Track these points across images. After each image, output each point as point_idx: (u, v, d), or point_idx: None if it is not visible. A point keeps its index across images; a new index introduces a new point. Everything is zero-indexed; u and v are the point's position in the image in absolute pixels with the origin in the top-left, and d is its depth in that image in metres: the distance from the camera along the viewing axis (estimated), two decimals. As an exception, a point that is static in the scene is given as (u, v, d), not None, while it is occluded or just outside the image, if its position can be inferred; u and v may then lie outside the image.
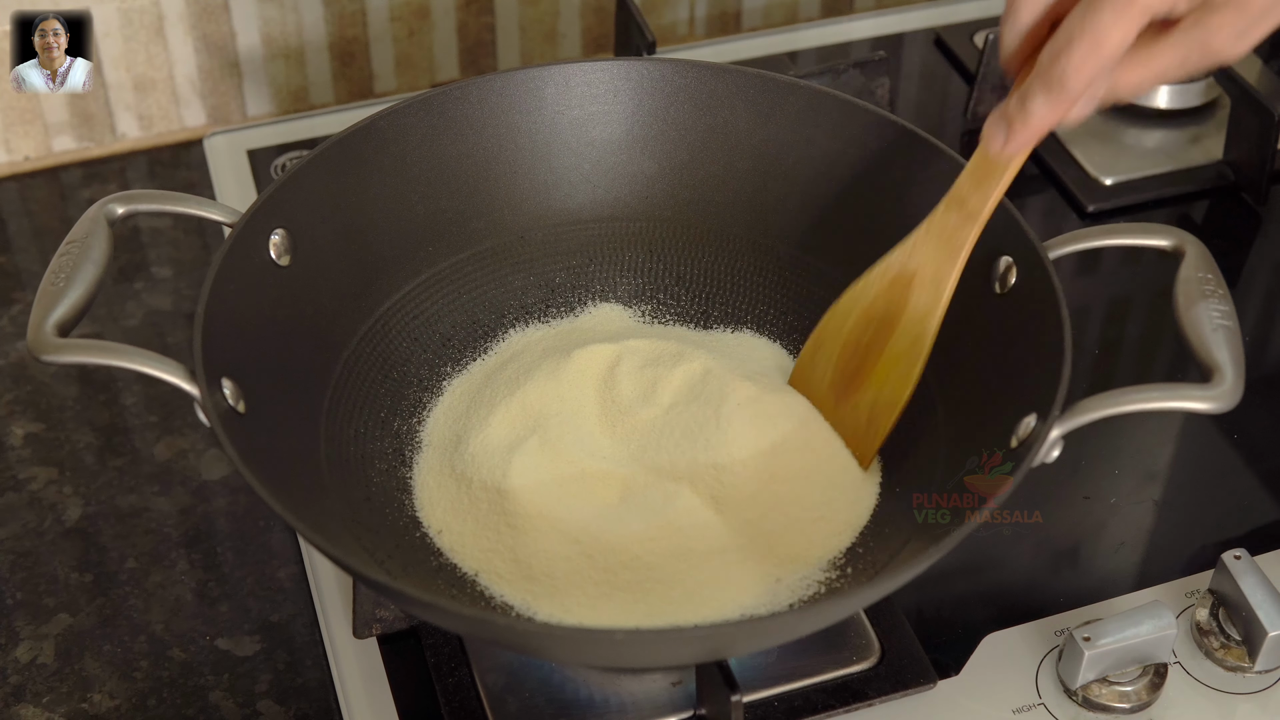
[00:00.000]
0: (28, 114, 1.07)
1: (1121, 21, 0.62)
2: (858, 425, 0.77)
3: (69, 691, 0.78)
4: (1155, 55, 0.65)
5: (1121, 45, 0.63)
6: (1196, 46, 0.64)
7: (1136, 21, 0.63)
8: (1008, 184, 0.72)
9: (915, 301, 0.75)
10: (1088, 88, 0.65)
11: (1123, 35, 0.63)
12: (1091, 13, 0.63)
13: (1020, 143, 0.69)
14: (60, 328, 0.68)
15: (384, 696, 0.75)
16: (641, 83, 0.85)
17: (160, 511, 0.86)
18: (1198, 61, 0.64)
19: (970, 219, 0.73)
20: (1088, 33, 0.63)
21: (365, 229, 0.81)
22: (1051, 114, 0.67)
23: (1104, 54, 0.63)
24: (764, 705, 0.73)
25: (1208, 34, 0.63)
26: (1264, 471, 0.86)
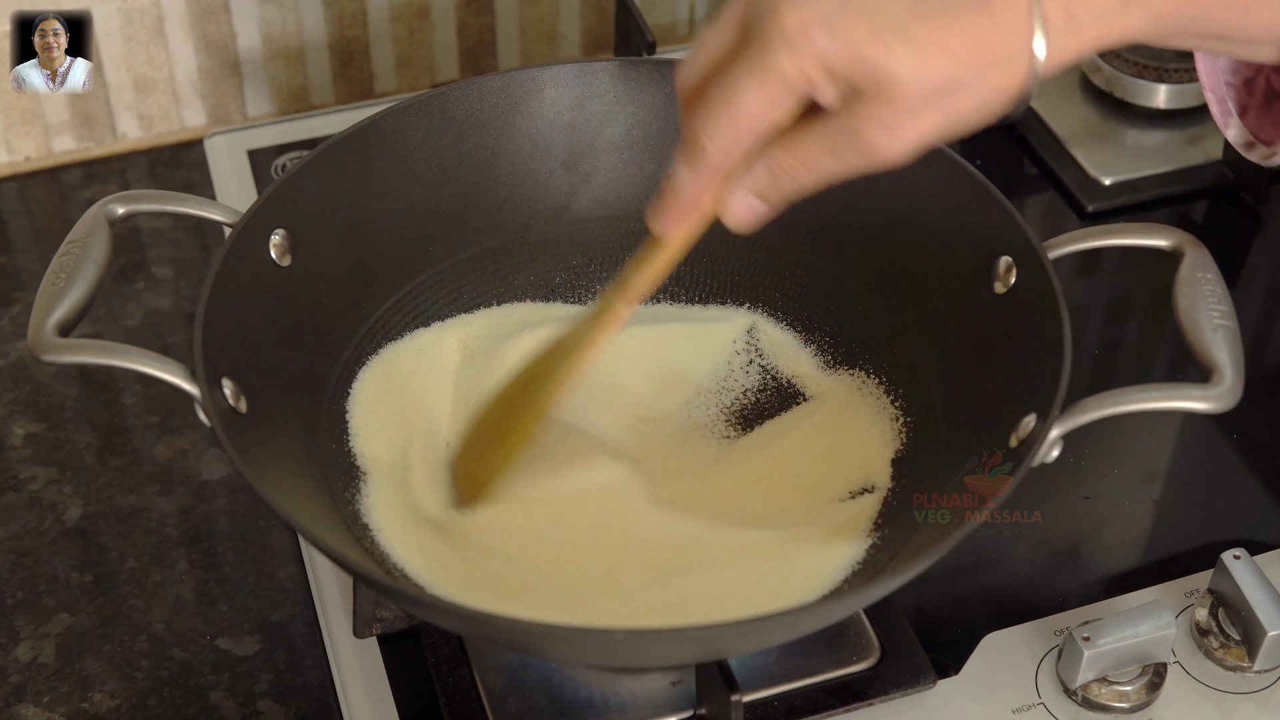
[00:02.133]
0: (28, 114, 1.07)
1: (756, 84, 0.59)
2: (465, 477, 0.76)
3: (69, 691, 0.78)
4: (806, 144, 0.61)
5: (758, 115, 0.60)
6: (846, 137, 0.60)
7: (773, 87, 0.59)
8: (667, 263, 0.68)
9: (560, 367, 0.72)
10: (728, 157, 0.61)
11: (758, 102, 0.59)
12: (730, 76, 0.60)
13: (674, 217, 0.65)
14: (61, 328, 0.68)
15: (384, 696, 0.75)
16: (641, 83, 0.85)
17: (160, 511, 0.86)
18: (852, 156, 0.60)
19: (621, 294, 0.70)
20: (724, 96, 0.60)
21: (365, 229, 0.81)
22: (695, 184, 0.63)
23: (739, 119, 0.60)
24: (764, 705, 0.73)
25: (853, 125, 0.59)
26: (1263, 471, 0.86)
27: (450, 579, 0.73)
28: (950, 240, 0.79)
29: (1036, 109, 1.07)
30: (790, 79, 0.59)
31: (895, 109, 0.59)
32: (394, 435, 0.79)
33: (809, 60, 0.58)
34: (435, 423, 0.79)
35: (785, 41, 0.58)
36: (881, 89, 0.58)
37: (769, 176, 0.63)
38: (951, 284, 0.78)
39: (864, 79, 0.58)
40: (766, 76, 0.59)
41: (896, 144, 0.60)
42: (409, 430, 0.79)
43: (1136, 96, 1.07)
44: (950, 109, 0.59)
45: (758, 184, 0.63)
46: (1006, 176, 1.00)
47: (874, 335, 0.83)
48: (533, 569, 0.73)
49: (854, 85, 0.59)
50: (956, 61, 0.58)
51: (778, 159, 0.62)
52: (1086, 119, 1.07)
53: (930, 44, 0.58)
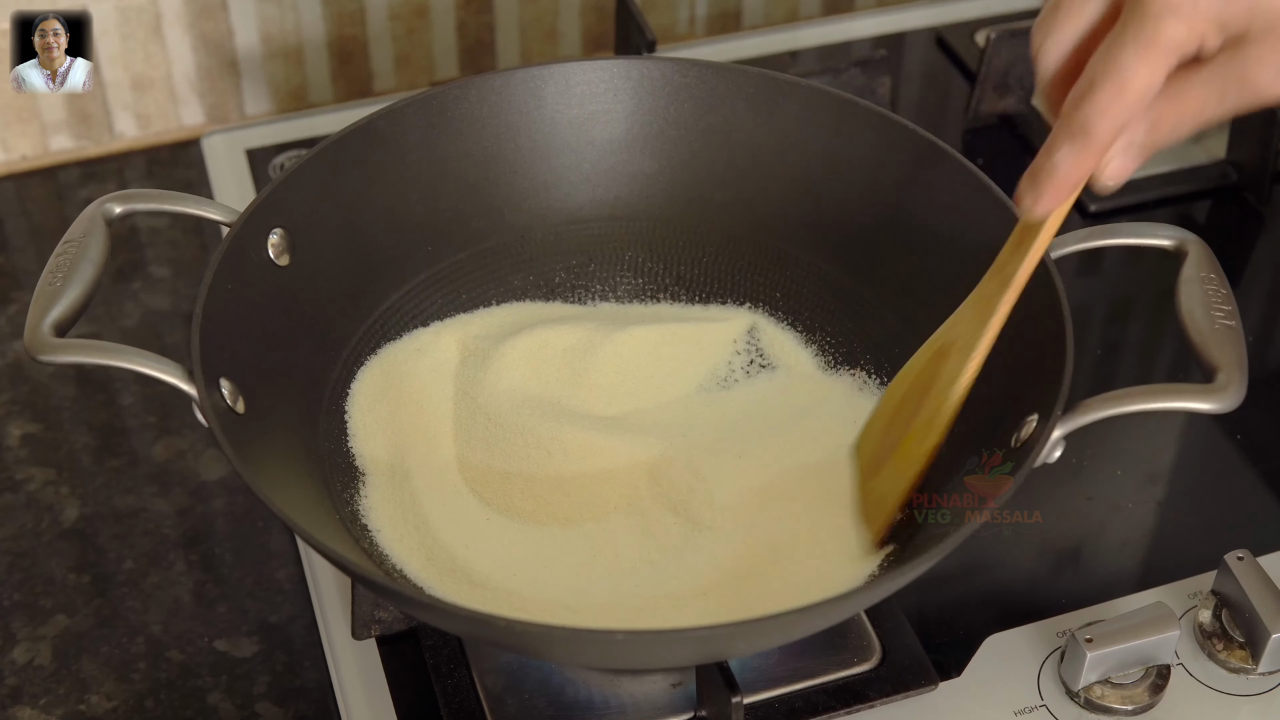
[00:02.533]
0: (25, 113, 1.07)
1: (1146, 60, 0.59)
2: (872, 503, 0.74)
3: (66, 693, 0.78)
4: (1190, 93, 0.61)
5: (1148, 86, 0.59)
6: (1234, 82, 0.60)
7: (1163, 59, 0.59)
8: (1044, 245, 0.68)
9: (947, 371, 0.72)
10: (1115, 134, 0.61)
11: (1149, 75, 0.59)
12: (1114, 53, 0.59)
13: (1050, 200, 0.63)
14: (57, 328, 0.68)
15: (383, 698, 0.74)
16: (641, 82, 0.84)
17: (158, 512, 0.86)
18: (1237, 98, 0.60)
19: (1004, 285, 0.69)
20: (1111, 75, 0.59)
21: (364, 228, 0.81)
22: (1079, 166, 0.62)
23: (1129, 97, 0.59)
24: (764, 706, 0.73)
25: (1244, 68, 0.59)
26: (1267, 472, 0.86)
27: (449, 580, 0.72)
28: (952, 239, 0.79)
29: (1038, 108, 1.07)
30: (1181, 45, 0.59)
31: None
32: (393, 436, 0.78)
33: (1201, 22, 0.58)
34: (435, 423, 0.79)
35: (1173, 11, 0.58)
36: (1276, 30, 0.58)
37: (1151, 130, 0.62)
38: (953, 283, 0.78)
39: (1259, 24, 0.58)
40: (1157, 48, 0.59)
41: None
42: (408, 431, 0.79)
43: (1138, 95, 1.06)
44: None
45: (1136, 140, 0.63)
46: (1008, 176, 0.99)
47: (875, 335, 0.82)
48: (532, 570, 0.73)
49: (1245, 31, 0.59)
50: None
51: (1164, 112, 0.62)
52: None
53: None
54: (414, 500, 0.76)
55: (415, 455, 0.78)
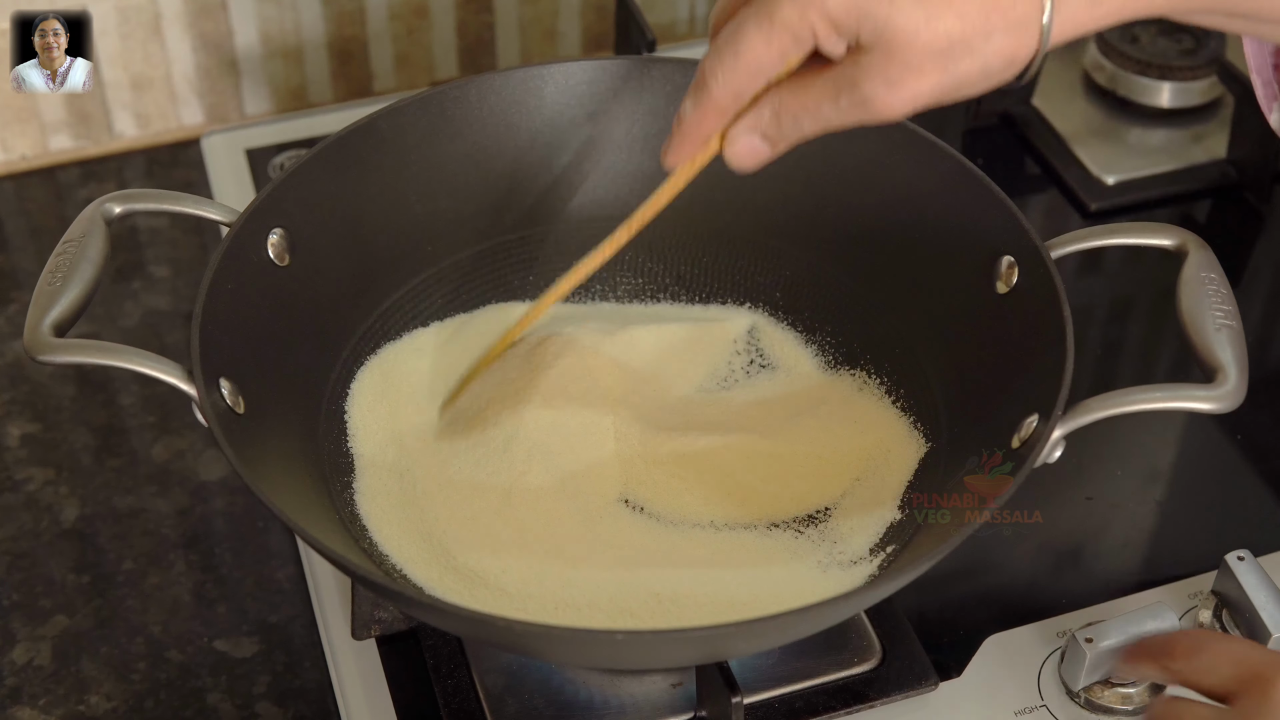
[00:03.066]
0: (24, 113, 1.07)
1: (761, 33, 0.60)
2: None
3: (66, 693, 0.78)
4: (809, 87, 0.62)
5: (762, 61, 0.61)
6: (847, 87, 0.61)
7: (779, 39, 0.60)
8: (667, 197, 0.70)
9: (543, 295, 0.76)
10: (733, 99, 0.63)
11: (764, 50, 0.61)
12: (737, 23, 0.62)
13: (677, 150, 0.66)
14: (57, 328, 0.68)
15: (383, 698, 0.74)
16: (642, 81, 0.84)
17: (158, 512, 0.86)
18: (852, 106, 0.61)
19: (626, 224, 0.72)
20: (730, 41, 0.62)
21: (364, 228, 0.81)
22: (701, 121, 0.64)
23: (744, 65, 0.61)
24: (764, 707, 0.73)
25: (856, 75, 0.60)
26: (1267, 472, 0.86)
27: (449, 580, 0.72)
28: (952, 240, 0.79)
29: (1039, 107, 1.07)
30: (794, 29, 0.60)
31: (897, 64, 0.59)
32: (393, 436, 0.78)
33: (813, 12, 0.59)
34: (434, 423, 0.79)
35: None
36: (884, 43, 0.59)
37: (773, 117, 0.64)
38: (953, 283, 0.78)
39: (867, 32, 0.59)
40: (772, 25, 0.60)
41: (895, 99, 0.60)
42: (408, 431, 0.79)
43: (1140, 95, 1.07)
44: (953, 69, 0.60)
45: (761, 123, 0.64)
46: (1009, 175, 1.00)
47: (875, 335, 0.82)
48: (532, 570, 0.73)
49: (858, 37, 0.60)
50: (963, 22, 0.59)
51: (782, 101, 0.63)
52: (1089, 117, 1.07)
53: (938, 2, 0.58)
54: (414, 500, 0.76)
55: (415, 455, 0.78)
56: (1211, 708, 0.63)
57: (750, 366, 0.84)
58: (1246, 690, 0.62)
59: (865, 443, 0.78)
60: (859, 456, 0.78)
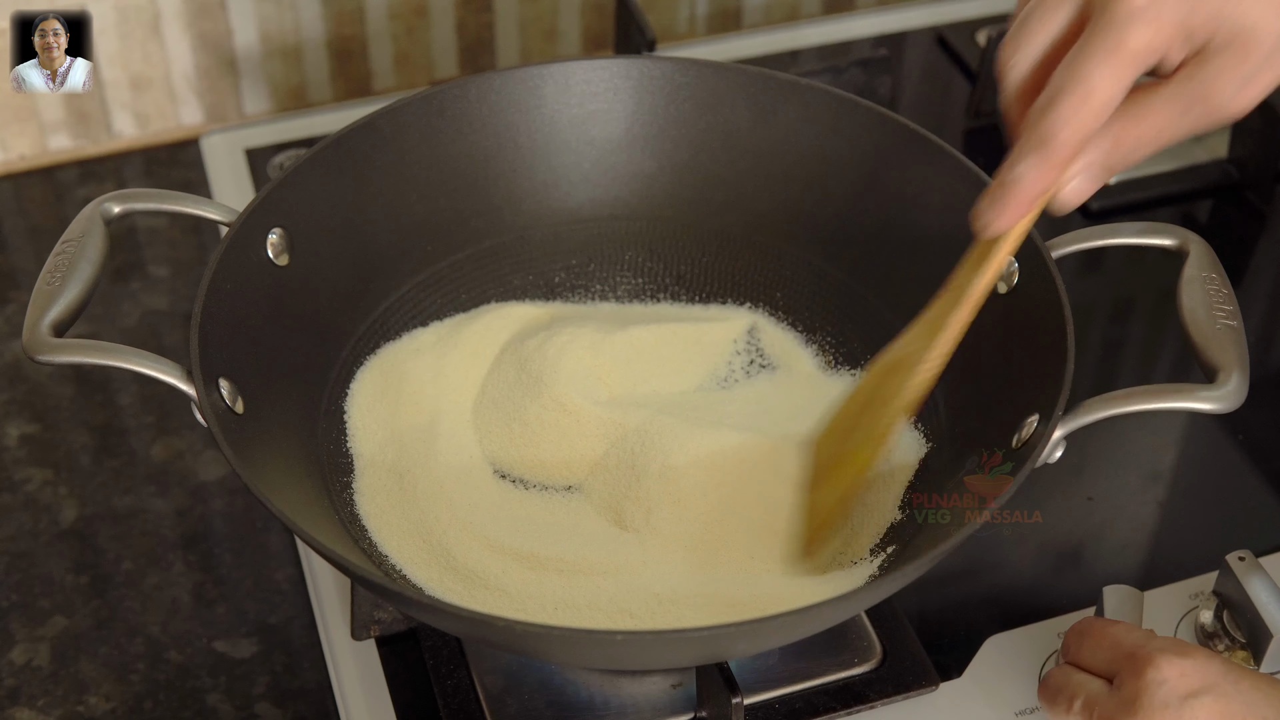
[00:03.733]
0: (23, 112, 1.07)
1: (1111, 68, 0.58)
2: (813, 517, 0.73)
3: (64, 694, 0.78)
4: (1152, 109, 0.60)
5: (1112, 96, 0.59)
6: (1196, 98, 0.59)
7: (1127, 70, 0.58)
8: (1002, 262, 0.67)
9: (893, 386, 0.70)
10: (1078, 146, 0.60)
11: (1113, 84, 0.58)
12: (1079, 62, 0.59)
13: (1013, 215, 0.62)
14: (56, 328, 0.68)
15: (382, 699, 0.74)
16: (641, 81, 0.84)
17: (157, 513, 0.86)
18: (1199, 115, 0.60)
19: (958, 301, 0.68)
20: (1075, 84, 0.59)
21: (363, 228, 0.81)
22: (1042, 178, 0.61)
23: (1093, 106, 0.59)
24: (765, 707, 0.73)
25: (1206, 83, 0.59)
26: (1268, 472, 0.86)
27: (449, 580, 0.72)
28: (952, 239, 0.78)
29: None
30: (1146, 54, 0.58)
31: (1250, 61, 0.58)
32: (392, 436, 0.78)
33: (1166, 30, 0.58)
34: (434, 424, 0.79)
35: (1139, 17, 0.58)
36: (1239, 43, 0.58)
37: (1112, 150, 0.61)
38: (953, 283, 0.78)
39: (1222, 34, 0.58)
40: (1122, 56, 0.58)
41: (1245, 97, 0.59)
42: (407, 431, 0.78)
43: (1139, 95, 1.06)
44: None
45: (1094, 158, 0.62)
46: (1008, 175, 1.00)
47: (875, 335, 0.82)
48: (532, 569, 0.73)
49: (1209, 43, 0.58)
50: None
51: (1125, 131, 0.61)
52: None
53: None
54: (413, 500, 0.76)
55: (414, 455, 0.77)
56: (1097, 680, 0.66)
57: (750, 366, 0.84)
58: (1124, 670, 0.64)
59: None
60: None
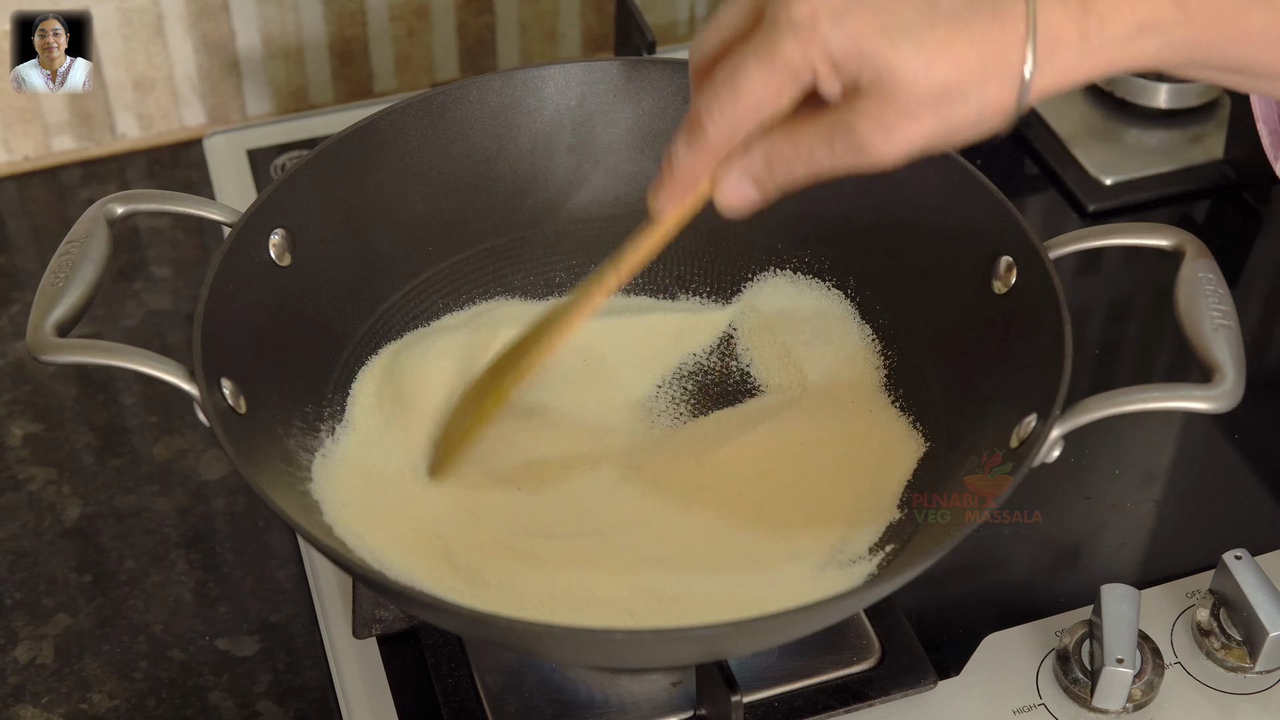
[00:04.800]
0: (27, 114, 1.07)
1: (761, 71, 0.60)
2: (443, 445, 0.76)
3: (68, 692, 0.78)
4: (805, 134, 0.61)
5: (761, 99, 0.60)
6: (841, 131, 0.60)
7: (776, 77, 0.60)
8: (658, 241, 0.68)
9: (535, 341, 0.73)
10: (727, 138, 0.62)
11: (762, 88, 0.60)
12: (736, 59, 0.61)
13: (668, 195, 0.65)
14: (59, 328, 0.68)
15: (384, 697, 0.75)
16: (641, 82, 0.85)
17: (159, 512, 0.86)
18: (846, 152, 0.60)
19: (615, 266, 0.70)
20: (729, 79, 0.61)
21: (365, 229, 0.81)
22: (693, 162, 0.64)
23: (741, 102, 0.61)
24: (764, 705, 0.73)
25: (853, 119, 0.59)
26: (1265, 471, 0.86)
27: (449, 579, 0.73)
28: (951, 240, 0.79)
29: (1037, 109, 1.07)
30: (795, 67, 0.60)
31: (894, 108, 0.59)
32: (393, 436, 0.78)
33: (815, 50, 0.59)
34: (434, 423, 0.79)
35: (793, 30, 0.59)
36: (882, 86, 0.59)
37: (765, 162, 0.63)
38: (952, 284, 0.78)
39: (866, 74, 0.59)
40: (772, 63, 0.60)
41: (890, 145, 0.60)
42: (408, 431, 0.79)
43: (1138, 96, 1.07)
44: (948, 116, 0.60)
45: (753, 168, 0.64)
46: (1007, 176, 1.00)
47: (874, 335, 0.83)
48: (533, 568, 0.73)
49: (856, 80, 0.59)
50: (960, 69, 0.58)
51: (775, 145, 0.63)
52: (1088, 118, 1.07)
53: (937, 48, 0.58)
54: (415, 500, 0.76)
55: (415, 455, 0.78)
56: None
57: (751, 366, 0.84)
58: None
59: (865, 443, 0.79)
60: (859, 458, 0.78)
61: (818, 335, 0.83)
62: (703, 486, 0.77)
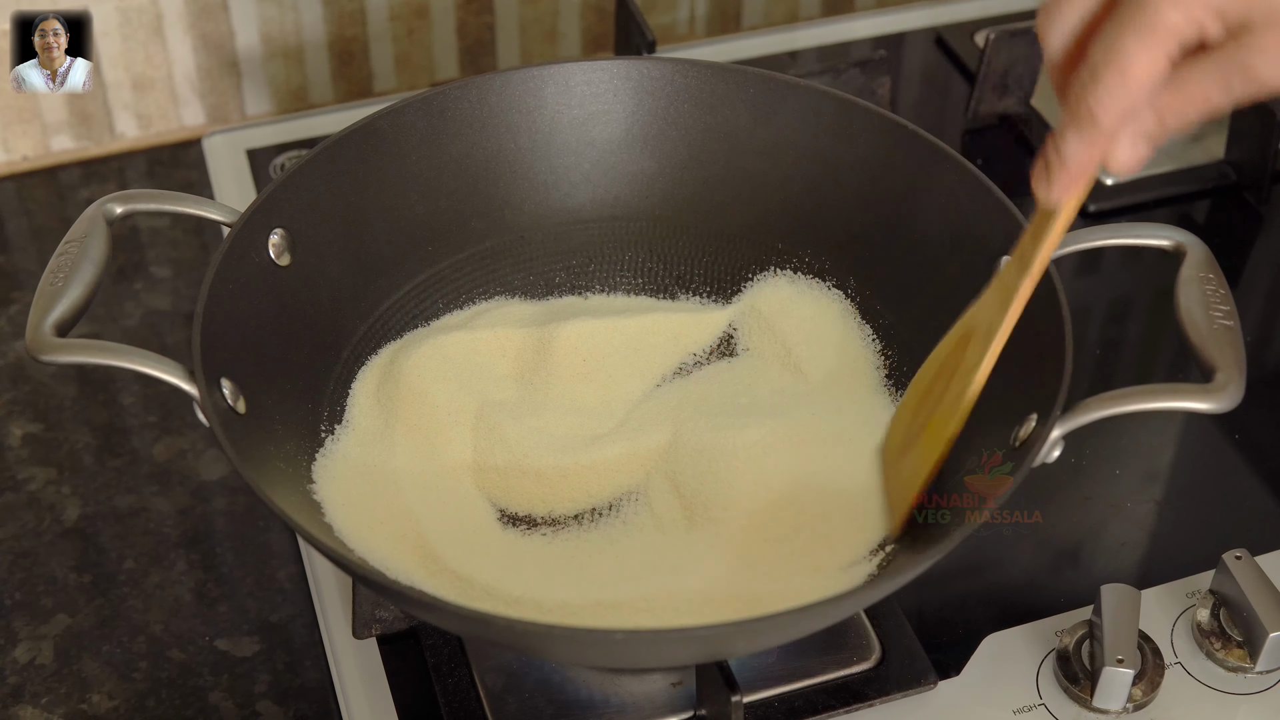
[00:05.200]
0: (26, 113, 1.07)
1: (1146, 46, 0.58)
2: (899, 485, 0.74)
3: (68, 692, 0.78)
4: (1194, 82, 0.60)
5: (1149, 73, 0.59)
6: (1237, 71, 0.59)
7: (1163, 47, 0.59)
8: (1061, 231, 0.67)
9: (969, 357, 0.72)
10: (1121, 121, 0.60)
11: (1150, 62, 0.59)
12: (1114, 40, 0.59)
13: (1061, 188, 0.63)
14: (59, 328, 0.68)
15: (383, 697, 0.75)
16: (641, 82, 0.85)
17: (159, 512, 0.86)
18: (1241, 87, 0.60)
19: (1024, 270, 0.69)
20: (1112, 62, 0.59)
21: (364, 229, 0.81)
22: (1086, 153, 0.62)
23: (1131, 84, 0.59)
24: (764, 705, 0.73)
25: (1248, 56, 0.59)
26: (1265, 471, 0.86)
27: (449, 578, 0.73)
28: (951, 240, 0.79)
29: (1038, 108, 1.07)
30: (1180, 30, 0.58)
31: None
32: (393, 436, 0.78)
33: (1199, 8, 0.58)
34: (434, 423, 0.79)
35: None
36: (1274, 20, 0.58)
37: (1156, 119, 0.62)
38: (952, 284, 0.78)
39: (1256, 13, 0.58)
40: (1155, 33, 0.58)
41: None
42: (408, 431, 0.79)
43: (1137, 96, 1.07)
44: None
45: (1144, 127, 0.62)
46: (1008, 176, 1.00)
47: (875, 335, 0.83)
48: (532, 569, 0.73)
49: (1245, 20, 0.58)
50: None
51: (1164, 101, 0.61)
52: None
53: None
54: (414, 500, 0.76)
55: (415, 455, 0.78)
56: None
57: (750, 367, 0.84)
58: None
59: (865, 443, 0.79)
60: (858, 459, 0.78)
61: (818, 335, 0.83)
62: (702, 486, 0.77)
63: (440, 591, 0.72)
